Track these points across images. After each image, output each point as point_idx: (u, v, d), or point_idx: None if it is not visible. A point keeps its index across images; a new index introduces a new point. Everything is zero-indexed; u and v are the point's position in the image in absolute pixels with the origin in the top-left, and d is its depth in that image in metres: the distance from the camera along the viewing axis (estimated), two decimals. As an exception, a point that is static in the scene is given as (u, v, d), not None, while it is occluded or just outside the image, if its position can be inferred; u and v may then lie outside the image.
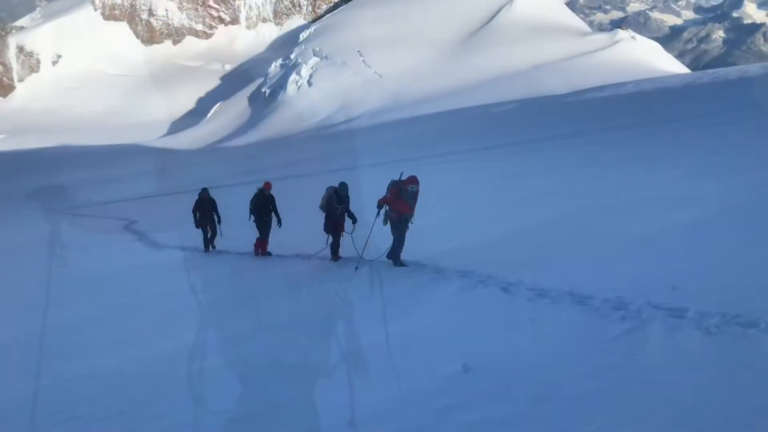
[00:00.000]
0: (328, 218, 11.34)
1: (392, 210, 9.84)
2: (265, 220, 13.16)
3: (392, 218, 9.85)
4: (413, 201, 9.84)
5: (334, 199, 11.27)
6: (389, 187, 9.92)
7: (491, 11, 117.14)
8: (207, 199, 15.06)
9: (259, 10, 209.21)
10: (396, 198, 9.76)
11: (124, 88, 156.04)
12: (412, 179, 9.78)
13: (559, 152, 28.73)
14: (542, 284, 7.42)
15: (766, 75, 46.79)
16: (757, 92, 40.59)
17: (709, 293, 6.21)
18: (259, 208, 13.09)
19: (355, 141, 58.93)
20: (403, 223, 9.87)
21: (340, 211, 11.32)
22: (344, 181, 11.52)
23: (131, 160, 77.63)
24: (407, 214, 9.88)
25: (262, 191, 13.23)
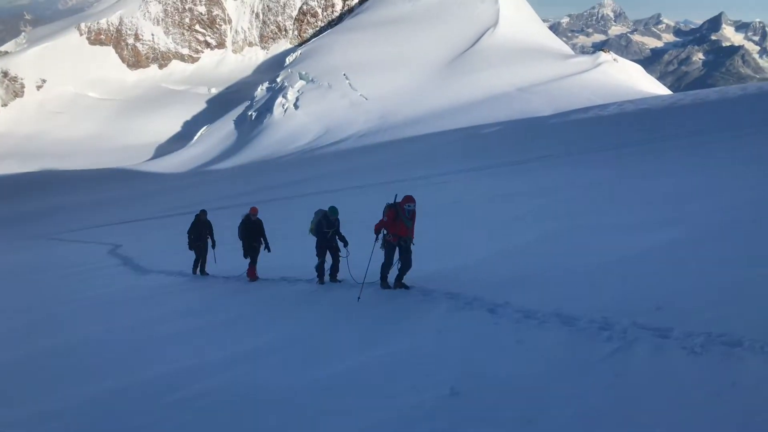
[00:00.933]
0: (320, 243, 11.19)
1: (389, 233, 9.61)
2: (255, 246, 13.04)
3: (389, 242, 9.62)
4: (411, 222, 9.61)
5: (323, 224, 11.08)
6: (385, 211, 9.67)
7: (475, 35, 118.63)
8: (204, 221, 14.92)
9: (246, 34, 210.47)
10: (393, 221, 9.53)
11: (110, 112, 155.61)
12: (408, 198, 9.57)
13: (544, 173, 28.94)
14: (529, 305, 7.42)
15: (745, 96, 47.62)
16: (737, 113, 41.25)
17: (694, 313, 6.24)
18: (247, 234, 12.96)
19: (342, 163, 59.11)
20: (404, 248, 9.59)
21: (331, 234, 11.12)
22: (334, 206, 11.32)
23: (116, 184, 77.24)
24: (406, 237, 9.60)
25: (249, 216, 13.09)
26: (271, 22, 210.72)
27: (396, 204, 9.58)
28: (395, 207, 9.55)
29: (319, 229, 11.10)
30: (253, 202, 36.90)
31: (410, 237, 9.64)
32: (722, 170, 17.65)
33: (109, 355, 8.98)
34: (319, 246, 11.20)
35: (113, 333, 10.40)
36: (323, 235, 11.07)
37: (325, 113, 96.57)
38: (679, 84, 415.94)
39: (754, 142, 26.22)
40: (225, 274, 14.35)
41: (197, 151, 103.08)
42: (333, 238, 11.16)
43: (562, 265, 9.64)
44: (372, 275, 9.84)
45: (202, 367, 7.54)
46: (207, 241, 14.96)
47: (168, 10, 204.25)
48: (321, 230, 11.08)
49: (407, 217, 9.54)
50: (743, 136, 28.66)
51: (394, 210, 9.53)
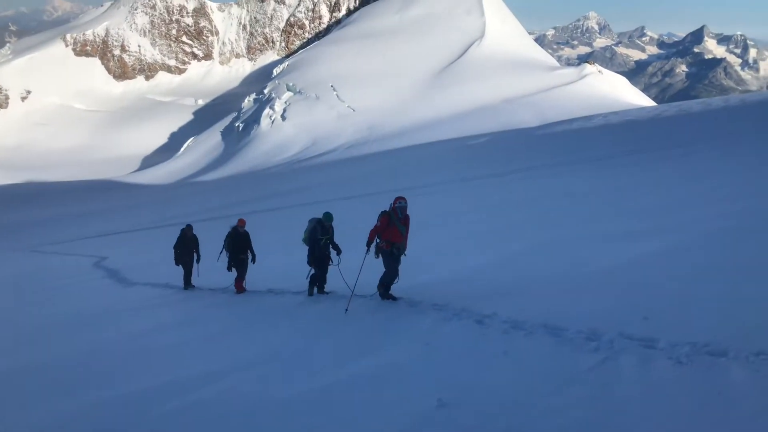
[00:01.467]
0: (312, 251, 10.93)
1: (383, 240, 9.46)
2: (242, 258, 12.93)
3: (383, 249, 9.46)
4: (405, 229, 9.52)
5: (318, 231, 10.84)
6: (379, 217, 9.56)
7: (462, 47, 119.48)
8: (190, 236, 14.82)
9: (233, 45, 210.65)
10: (386, 227, 9.42)
11: (95, 123, 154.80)
12: (399, 197, 9.52)
13: (531, 183, 29.10)
14: (516, 316, 7.43)
15: (727, 108, 48.25)
16: (720, 124, 41.77)
17: (679, 323, 6.28)
18: (235, 247, 12.86)
19: (330, 174, 59.09)
20: (395, 256, 9.50)
21: (324, 242, 10.88)
22: (329, 211, 11.10)
23: (101, 196, 76.70)
24: (399, 244, 9.51)
25: (237, 229, 12.99)
26: (258, 34, 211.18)
27: (390, 210, 9.49)
28: (388, 213, 9.47)
29: (313, 237, 10.86)
30: (240, 213, 36.77)
31: (403, 245, 9.57)
32: (706, 181, 17.85)
33: (95, 368, 8.88)
34: (311, 254, 10.93)
35: (98, 346, 10.29)
36: (317, 243, 10.83)
37: (313, 124, 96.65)
38: (664, 95, 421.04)
39: (736, 152, 26.54)
40: (212, 287, 14.26)
41: (184, 162, 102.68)
42: (327, 247, 10.93)
43: (549, 275, 9.67)
44: (361, 287, 9.78)
45: (189, 380, 7.46)
46: (193, 256, 14.88)
47: (155, 21, 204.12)
48: (315, 237, 10.84)
49: (400, 219, 9.43)
50: (726, 146, 29.03)
51: (387, 216, 9.45)
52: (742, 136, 32.62)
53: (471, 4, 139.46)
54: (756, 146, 28.29)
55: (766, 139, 26.75)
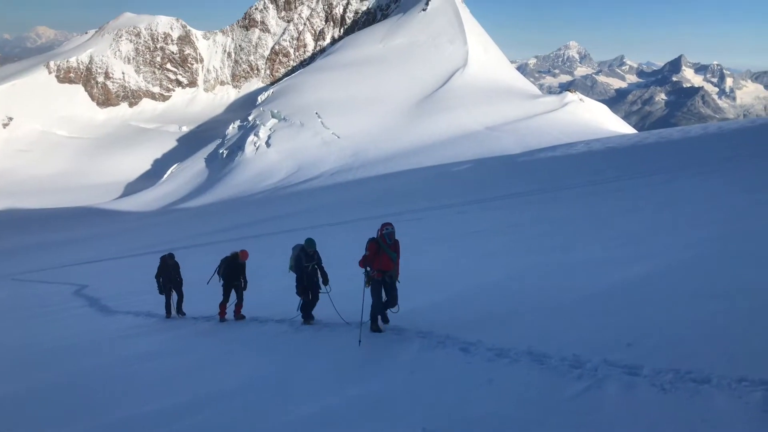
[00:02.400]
0: (300, 279, 10.66)
1: (374, 270, 9.22)
2: (236, 285, 12.86)
3: (374, 278, 9.20)
4: (395, 254, 9.28)
5: (302, 258, 10.61)
6: (367, 245, 9.33)
7: (445, 75, 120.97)
8: (171, 264, 14.66)
9: (217, 73, 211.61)
10: (376, 255, 9.19)
11: (78, 150, 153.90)
12: (385, 223, 9.35)
13: (514, 210, 29.28)
14: (501, 344, 7.42)
15: (706, 135, 49.14)
16: (699, 151, 42.47)
17: (662, 349, 6.30)
18: (230, 274, 12.75)
19: (314, 201, 59.06)
20: (390, 284, 9.26)
21: (311, 268, 10.65)
22: (311, 237, 10.86)
23: (83, 223, 75.92)
24: (390, 272, 9.25)
25: (237, 258, 12.83)
26: (243, 62, 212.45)
27: (378, 238, 9.30)
28: (376, 240, 9.28)
29: (298, 265, 10.63)
30: (224, 240, 36.55)
31: (395, 272, 9.32)
32: (687, 207, 18.08)
33: (75, 399, 8.69)
34: (299, 283, 10.70)
35: (78, 376, 10.09)
36: (303, 270, 10.59)
37: (297, 151, 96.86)
38: (644, 123, 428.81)
39: (715, 180, 26.95)
40: (195, 315, 14.10)
41: (167, 189, 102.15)
42: (314, 273, 10.69)
43: (533, 301, 9.69)
44: (351, 314, 9.69)
45: (171, 409, 7.33)
46: (177, 284, 14.72)
47: (139, 48, 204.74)
48: (301, 265, 10.60)
49: (389, 245, 9.22)
50: (706, 173, 29.45)
51: (375, 243, 9.24)
52: (721, 163, 33.17)
53: (454, 33, 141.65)
54: (734, 173, 28.77)
55: (744, 166, 27.22)
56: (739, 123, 67.61)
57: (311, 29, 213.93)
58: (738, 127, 54.18)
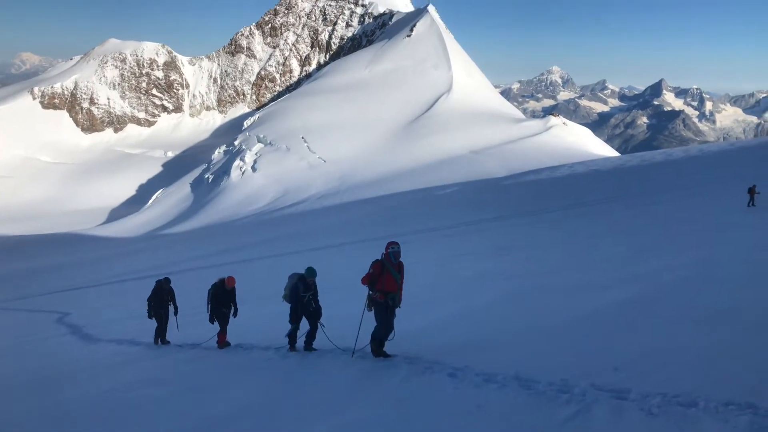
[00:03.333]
0: (295, 309, 10.38)
1: (376, 290, 8.86)
2: (225, 312, 12.62)
3: (377, 300, 8.86)
4: (400, 276, 8.97)
5: (300, 288, 10.28)
6: (371, 266, 8.97)
7: (430, 100, 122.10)
8: (166, 289, 14.44)
9: (203, 98, 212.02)
10: (380, 275, 8.84)
11: (61, 175, 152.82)
12: (391, 242, 9.02)
13: (500, 233, 29.40)
14: (489, 368, 7.39)
15: (688, 158, 49.81)
16: (681, 174, 43.00)
17: (649, 373, 6.32)
18: (219, 301, 12.56)
19: (301, 225, 58.95)
20: (390, 308, 8.93)
21: (307, 299, 10.33)
22: (311, 266, 10.52)
23: (67, 249, 75.04)
24: (393, 294, 8.89)
25: (224, 284, 12.61)
26: (229, 87, 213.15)
27: (383, 259, 8.97)
28: (381, 261, 8.95)
29: (295, 294, 10.31)
30: (209, 266, 36.29)
31: (398, 295, 8.96)
32: (670, 229, 18.25)
33: (58, 430, 8.51)
34: (293, 311, 10.42)
35: (58, 408, 9.89)
36: (299, 300, 10.29)
37: (284, 175, 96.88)
38: (626, 146, 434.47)
39: (697, 202, 27.27)
40: (186, 342, 13.89)
41: (152, 214, 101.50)
42: (310, 303, 10.39)
43: (520, 325, 9.69)
44: (344, 340, 9.50)
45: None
46: (168, 309, 14.49)
47: (125, 74, 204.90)
48: (297, 294, 10.29)
49: (394, 265, 8.91)
50: (688, 196, 29.81)
51: (380, 263, 8.91)
52: (703, 185, 33.61)
53: (438, 58, 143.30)
54: (715, 195, 29.15)
55: (725, 188, 27.59)
56: (719, 146, 68.72)
57: (297, 55, 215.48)
58: (718, 150, 55.02)
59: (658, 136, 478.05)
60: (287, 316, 10.72)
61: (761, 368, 6.03)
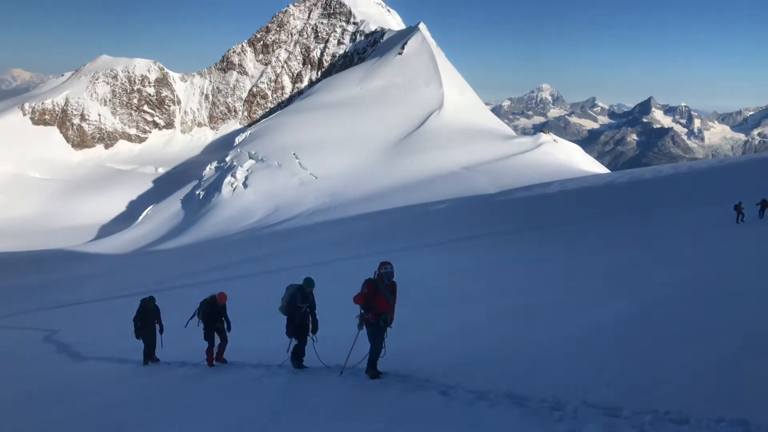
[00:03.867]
0: (292, 320, 10.19)
1: (368, 311, 8.75)
2: (218, 328, 12.50)
3: (369, 320, 8.75)
4: (392, 297, 8.88)
5: (297, 298, 10.14)
6: (364, 285, 8.88)
7: (421, 117, 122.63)
8: (151, 308, 14.31)
9: (195, 114, 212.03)
10: (373, 294, 8.75)
11: (51, 192, 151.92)
12: (384, 262, 8.91)
13: (491, 250, 29.41)
14: (481, 386, 7.35)
15: (677, 175, 50.16)
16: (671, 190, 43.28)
17: (641, 389, 6.30)
18: (210, 317, 12.41)
19: (292, 241, 58.77)
20: (382, 327, 8.79)
21: (305, 310, 10.20)
22: (309, 277, 10.39)
23: (56, 266, 74.42)
24: (386, 315, 8.76)
25: (216, 301, 12.51)
26: (220, 103, 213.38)
27: (375, 278, 8.88)
28: (374, 281, 8.86)
29: (292, 305, 10.15)
30: (199, 283, 36.07)
31: (390, 316, 8.83)
32: (659, 246, 18.32)
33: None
34: (290, 323, 10.21)
35: (47, 427, 9.75)
36: (297, 311, 10.13)
37: (275, 192, 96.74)
38: (616, 163, 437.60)
39: (687, 218, 27.43)
40: (175, 360, 13.74)
41: (142, 231, 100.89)
42: (307, 315, 10.24)
43: (512, 342, 9.67)
44: (355, 355, 9.32)
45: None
46: (155, 328, 14.35)
47: (116, 90, 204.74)
48: (295, 305, 10.13)
49: (387, 286, 8.82)
50: (677, 213, 29.96)
51: (373, 284, 8.80)
52: (691, 203, 33.82)
53: (429, 76, 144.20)
54: (705, 211, 29.35)
55: (712, 205, 27.78)
56: (708, 163, 69.31)
57: (289, 72, 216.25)
58: (707, 166, 55.48)
59: (647, 153, 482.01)
60: (277, 334, 10.64)
61: (753, 385, 6.03)
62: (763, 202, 25.68)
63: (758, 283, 11.08)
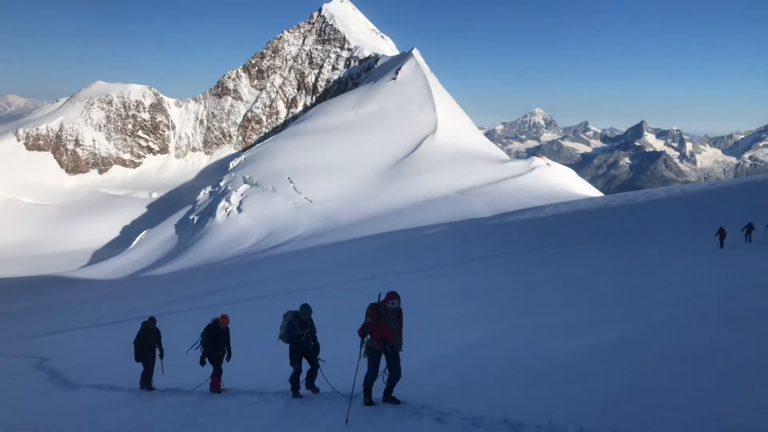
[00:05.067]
0: (293, 349, 10.04)
1: (374, 339, 8.57)
2: (219, 355, 12.07)
3: (373, 348, 8.56)
4: (397, 324, 8.66)
5: (296, 326, 10.01)
6: (368, 311, 8.68)
7: (415, 141, 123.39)
8: (153, 329, 14.02)
9: (189, 140, 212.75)
10: (377, 323, 8.55)
11: (45, 217, 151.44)
12: (392, 295, 8.65)
13: (486, 273, 29.38)
14: (476, 412, 7.29)
15: (670, 198, 50.44)
16: (664, 213, 43.47)
17: (636, 414, 6.26)
18: (213, 342, 12.04)
19: (286, 266, 58.59)
20: (391, 354, 8.57)
21: (305, 337, 10.04)
22: (306, 303, 10.28)
23: (49, 292, 73.90)
24: (392, 342, 8.56)
25: (218, 324, 12.12)
26: (215, 128, 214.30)
27: (379, 303, 8.71)
28: (378, 306, 8.66)
29: (291, 333, 10.01)
30: (193, 308, 35.83)
31: (397, 342, 8.64)
32: (654, 270, 18.34)
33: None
34: (292, 351, 10.06)
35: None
36: (297, 338, 9.98)
37: (269, 216, 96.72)
38: (610, 186, 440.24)
39: (680, 241, 27.53)
40: (173, 386, 13.55)
41: (136, 256, 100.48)
42: (308, 341, 10.08)
43: (507, 367, 9.61)
44: (359, 388, 9.03)
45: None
46: (155, 352, 14.05)
47: (111, 116, 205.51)
48: (294, 333, 9.99)
49: (392, 317, 8.62)
50: (671, 235, 30.06)
51: (376, 310, 8.62)
52: (685, 225, 33.96)
53: (423, 101, 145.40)
54: (697, 235, 29.45)
55: (706, 228, 27.89)
56: (700, 186, 69.81)
57: (283, 97, 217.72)
58: (700, 190, 55.82)
59: (640, 177, 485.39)
60: (272, 360, 10.55)
61: (749, 408, 6.00)
62: (749, 226, 25.82)
63: (752, 306, 11.09)
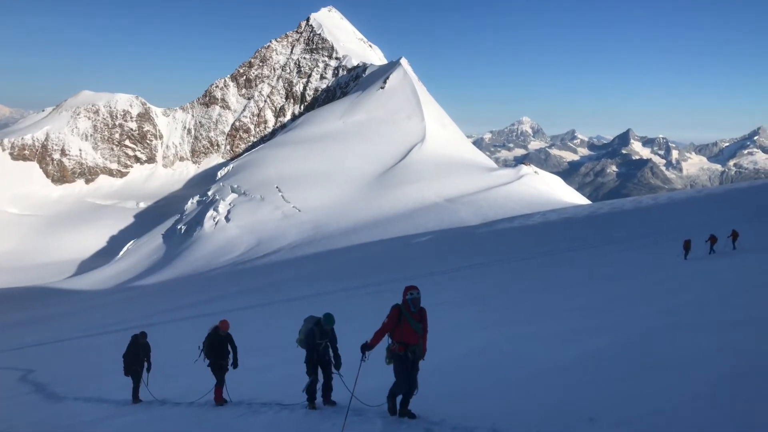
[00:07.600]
0: (311, 357, 9.65)
1: (395, 342, 7.93)
2: (222, 364, 11.65)
3: (395, 353, 7.90)
4: (420, 325, 7.96)
5: (316, 334, 9.59)
6: (390, 312, 8.06)
7: (404, 150, 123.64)
8: (142, 344, 13.87)
9: (177, 149, 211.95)
10: (396, 324, 7.90)
11: (30, 228, 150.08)
12: (410, 287, 8.00)
13: (475, 281, 29.41)
14: (465, 422, 7.26)
15: (656, 205, 50.82)
16: (651, 221, 43.77)
17: (626, 423, 6.26)
18: (215, 350, 11.67)
19: (275, 275, 58.37)
20: (412, 361, 7.93)
21: (324, 346, 9.68)
22: (330, 313, 9.66)
23: (34, 303, 73.13)
24: (414, 346, 7.89)
25: (218, 331, 11.76)
26: (203, 138, 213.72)
27: (401, 304, 8.03)
28: (399, 307, 8.00)
29: (310, 341, 9.60)
30: (181, 318, 35.57)
31: (420, 347, 7.95)
32: (641, 277, 18.43)
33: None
34: (309, 360, 9.65)
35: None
36: (315, 347, 9.60)
37: (258, 225, 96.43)
38: (597, 194, 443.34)
39: (667, 249, 27.68)
40: (168, 399, 13.38)
41: (123, 266, 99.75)
42: (326, 351, 9.71)
43: (495, 376, 9.60)
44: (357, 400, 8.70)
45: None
46: (143, 365, 13.91)
47: (97, 125, 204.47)
48: (313, 342, 9.59)
49: (413, 314, 7.93)
50: (657, 243, 30.23)
51: (397, 309, 7.94)
52: (672, 232, 34.17)
53: (411, 109, 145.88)
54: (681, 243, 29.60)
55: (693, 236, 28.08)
56: (686, 193, 70.42)
57: (272, 106, 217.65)
58: (686, 197, 56.33)
59: (627, 184, 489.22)
60: (260, 371, 10.48)
61: (737, 416, 6.02)
62: (711, 238, 26.15)
63: (741, 314, 11.16)
